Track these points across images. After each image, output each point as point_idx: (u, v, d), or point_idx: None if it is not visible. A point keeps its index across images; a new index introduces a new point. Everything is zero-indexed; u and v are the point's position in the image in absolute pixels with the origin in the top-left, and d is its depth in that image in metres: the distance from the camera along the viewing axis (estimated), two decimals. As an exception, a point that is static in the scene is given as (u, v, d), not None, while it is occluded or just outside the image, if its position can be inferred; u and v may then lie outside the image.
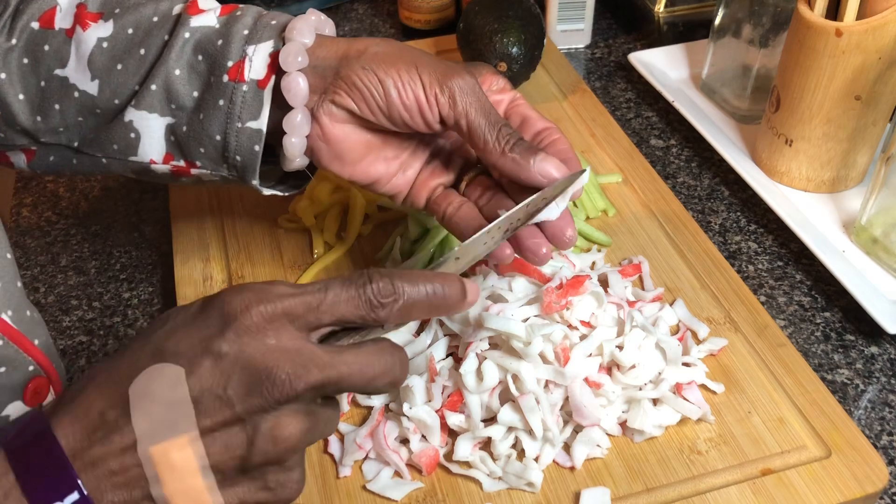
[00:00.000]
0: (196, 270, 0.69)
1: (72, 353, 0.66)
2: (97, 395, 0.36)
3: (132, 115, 0.53)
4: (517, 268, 0.60)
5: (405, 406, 0.55)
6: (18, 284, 0.49)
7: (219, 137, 0.53)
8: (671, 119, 0.88)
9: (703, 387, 0.58)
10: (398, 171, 0.56)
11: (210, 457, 0.36)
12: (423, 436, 0.55)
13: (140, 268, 0.74)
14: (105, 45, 0.54)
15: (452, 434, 0.56)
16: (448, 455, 0.55)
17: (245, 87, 0.52)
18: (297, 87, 0.51)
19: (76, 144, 0.56)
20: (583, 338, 0.57)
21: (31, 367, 0.48)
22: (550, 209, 0.51)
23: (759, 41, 0.79)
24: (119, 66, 0.54)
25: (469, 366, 0.54)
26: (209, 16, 0.54)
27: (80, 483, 0.35)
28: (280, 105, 0.52)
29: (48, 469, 0.35)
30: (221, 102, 0.52)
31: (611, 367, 0.57)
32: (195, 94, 0.53)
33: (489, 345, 0.56)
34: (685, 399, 0.57)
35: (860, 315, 0.66)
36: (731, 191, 0.79)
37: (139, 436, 0.35)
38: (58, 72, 0.54)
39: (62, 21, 0.54)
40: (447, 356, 0.58)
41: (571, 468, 0.55)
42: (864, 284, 0.66)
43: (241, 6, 0.55)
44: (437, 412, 0.55)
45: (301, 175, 0.59)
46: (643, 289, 0.66)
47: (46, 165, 0.58)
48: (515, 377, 0.54)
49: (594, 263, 0.67)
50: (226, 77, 0.52)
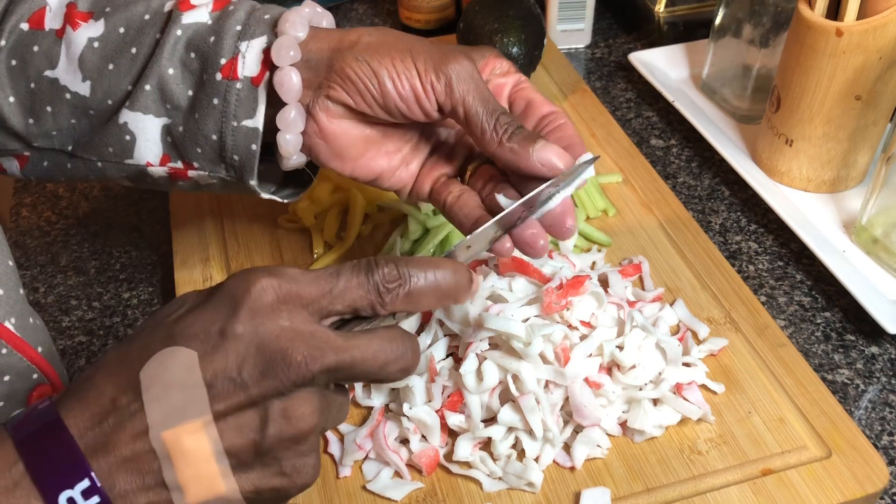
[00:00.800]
0: (196, 271, 0.69)
1: (72, 353, 0.66)
2: (107, 381, 0.35)
3: (127, 117, 0.52)
4: (517, 268, 0.60)
5: (405, 406, 0.55)
6: (21, 292, 0.48)
7: (215, 137, 0.52)
8: (671, 119, 0.88)
9: (704, 387, 0.58)
10: (401, 165, 0.55)
11: (224, 441, 0.35)
12: (423, 436, 0.55)
13: (140, 268, 0.74)
14: (96, 45, 0.53)
15: (452, 434, 0.56)
16: (448, 455, 0.55)
17: (239, 85, 0.51)
18: (290, 83, 0.50)
19: (70, 148, 0.55)
20: (583, 338, 0.57)
21: (35, 376, 0.47)
22: (553, 198, 0.49)
23: (760, 41, 0.79)
24: (111, 66, 0.53)
25: (469, 366, 0.54)
26: (201, 11, 0.53)
27: (92, 471, 0.34)
28: (276, 102, 0.51)
29: (59, 457, 0.34)
30: (216, 101, 0.51)
31: (611, 368, 0.57)
32: (189, 93, 0.52)
33: (489, 345, 0.56)
34: (685, 399, 0.57)
35: (860, 315, 0.66)
36: (732, 191, 0.79)
37: (151, 421, 0.35)
38: (48, 73, 0.53)
39: (52, 21, 0.53)
40: (447, 356, 0.58)
41: (571, 468, 0.55)
42: (865, 284, 0.66)
43: (235, 0, 0.54)
44: (437, 412, 0.55)
45: (303, 180, 0.58)
46: (643, 289, 0.66)
47: (41, 171, 0.57)
48: (515, 377, 0.54)
49: (594, 263, 0.67)
50: (219, 75, 0.51)
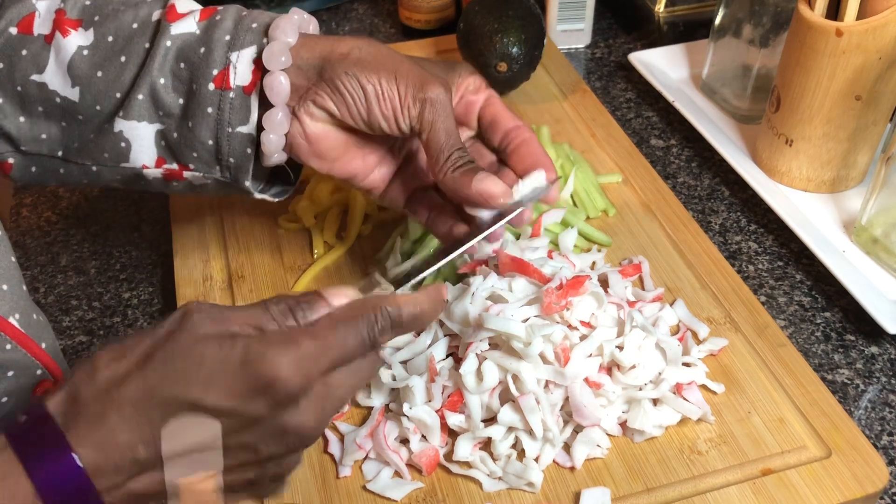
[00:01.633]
0: (196, 270, 0.69)
1: (72, 353, 0.66)
2: (123, 427, 0.36)
3: (121, 126, 0.54)
4: (517, 268, 0.60)
5: (405, 406, 0.55)
6: (24, 288, 0.48)
7: (211, 142, 0.54)
8: (671, 119, 0.88)
9: (704, 387, 0.58)
10: (374, 168, 0.59)
11: (226, 482, 0.39)
12: (423, 436, 0.55)
13: (140, 268, 0.74)
14: (85, 53, 0.54)
15: (452, 434, 0.56)
16: (448, 455, 0.55)
17: (232, 94, 0.53)
18: (280, 86, 0.52)
19: (60, 154, 0.56)
20: (583, 338, 0.57)
21: (39, 371, 0.47)
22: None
23: (760, 41, 0.79)
24: (100, 73, 0.54)
25: (469, 366, 0.54)
26: (188, 22, 0.54)
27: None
28: (264, 103, 0.53)
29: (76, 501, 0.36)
30: (210, 110, 0.53)
31: (611, 368, 0.57)
32: (181, 102, 0.54)
33: (489, 345, 0.56)
34: (685, 399, 0.57)
35: (860, 315, 0.66)
36: (732, 191, 0.79)
37: (168, 475, 0.37)
38: (34, 77, 0.54)
39: (41, 27, 0.54)
40: (447, 356, 0.58)
41: (571, 468, 0.55)
42: (865, 284, 0.66)
43: (221, 8, 0.55)
44: (437, 412, 0.55)
45: (287, 178, 0.60)
46: (643, 289, 0.66)
47: (28, 177, 0.57)
48: (515, 377, 0.54)
49: (594, 263, 0.67)
50: (211, 85, 0.53)
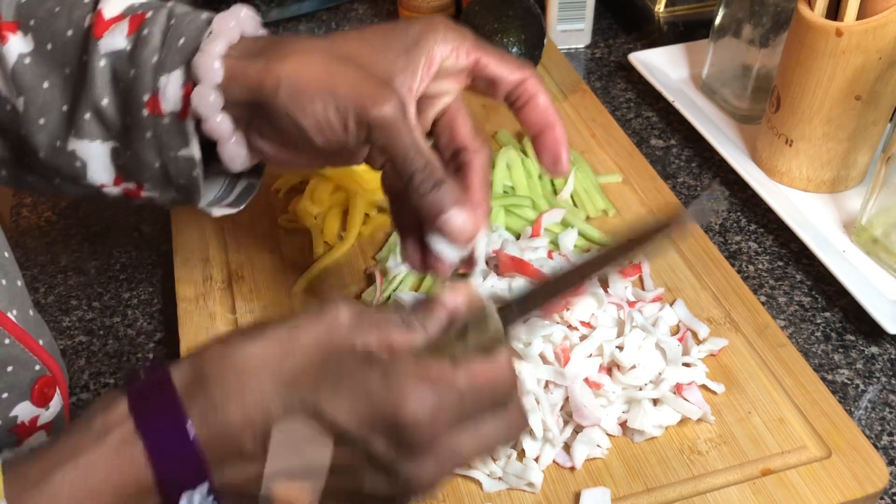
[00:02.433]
0: (196, 270, 0.69)
1: (72, 353, 0.66)
2: (240, 413, 0.36)
3: (74, 145, 0.51)
4: (517, 268, 0.60)
5: (405, 406, 0.55)
6: (19, 283, 0.48)
7: (157, 164, 0.51)
8: (671, 119, 0.88)
9: (704, 387, 0.58)
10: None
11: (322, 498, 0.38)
12: (423, 436, 0.55)
13: (140, 268, 0.74)
14: (27, 62, 0.51)
15: (452, 434, 0.56)
16: (448, 455, 0.55)
17: (166, 120, 0.49)
18: (219, 130, 0.49)
19: (27, 161, 0.53)
20: (583, 338, 0.57)
21: (38, 367, 0.47)
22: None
23: (760, 41, 0.79)
24: (46, 84, 0.51)
25: None
26: (117, 37, 0.50)
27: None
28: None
29: (188, 474, 0.36)
30: (149, 135, 0.50)
31: (611, 368, 0.57)
32: (124, 122, 0.51)
33: None
34: (685, 399, 0.57)
35: (860, 315, 0.66)
36: (732, 191, 0.79)
37: (268, 472, 0.36)
38: None
39: None
40: (447, 356, 0.58)
41: (571, 468, 0.55)
42: (865, 284, 0.66)
43: (149, 15, 0.50)
44: (437, 412, 0.55)
45: (254, 175, 0.56)
46: (643, 289, 0.66)
47: (2, 180, 0.55)
48: (515, 377, 0.54)
49: (594, 263, 0.67)
50: (145, 111, 0.49)
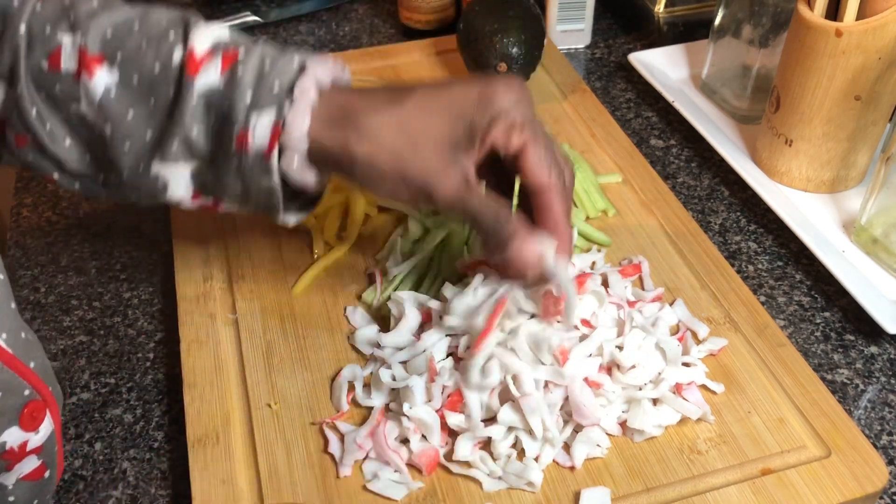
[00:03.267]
0: (196, 270, 0.69)
1: (72, 353, 0.66)
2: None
3: (158, 170, 0.55)
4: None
5: (405, 406, 0.55)
6: (12, 306, 0.47)
7: (239, 189, 0.55)
8: (671, 119, 0.88)
9: (703, 387, 0.59)
10: None
11: None
12: (423, 436, 0.55)
13: (140, 268, 0.74)
14: (113, 94, 0.54)
15: (452, 434, 0.56)
16: (448, 455, 0.55)
17: (251, 157, 0.53)
18: (303, 183, 0.54)
19: (101, 179, 0.58)
20: (583, 338, 0.57)
21: (27, 392, 0.46)
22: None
23: (759, 41, 0.79)
24: (130, 114, 0.54)
25: (479, 359, 0.54)
26: (211, 74, 0.53)
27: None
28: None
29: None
30: (234, 164, 0.54)
31: (611, 367, 0.57)
32: (211, 148, 0.54)
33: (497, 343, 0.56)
34: (685, 399, 0.57)
35: (860, 315, 0.66)
36: (731, 191, 0.79)
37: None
38: (74, 107, 0.55)
39: (67, 62, 0.54)
40: (447, 356, 0.58)
41: (571, 468, 0.55)
42: (864, 284, 0.66)
43: (240, 50, 0.54)
44: (437, 412, 0.55)
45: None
46: (643, 289, 0.66)
47: (74, 190, 0.59)
48: (515, 377, 0.54)
49: (594, 263, 0.67)
50: (234, 145, 0.53)
